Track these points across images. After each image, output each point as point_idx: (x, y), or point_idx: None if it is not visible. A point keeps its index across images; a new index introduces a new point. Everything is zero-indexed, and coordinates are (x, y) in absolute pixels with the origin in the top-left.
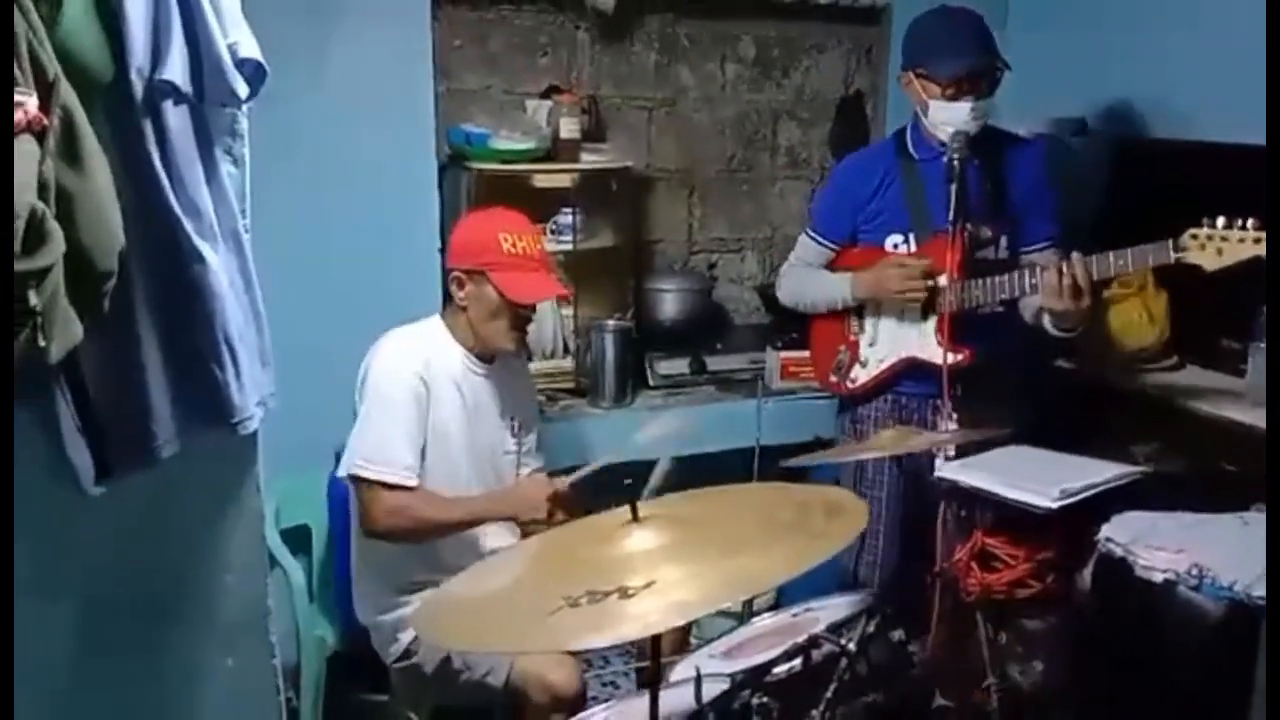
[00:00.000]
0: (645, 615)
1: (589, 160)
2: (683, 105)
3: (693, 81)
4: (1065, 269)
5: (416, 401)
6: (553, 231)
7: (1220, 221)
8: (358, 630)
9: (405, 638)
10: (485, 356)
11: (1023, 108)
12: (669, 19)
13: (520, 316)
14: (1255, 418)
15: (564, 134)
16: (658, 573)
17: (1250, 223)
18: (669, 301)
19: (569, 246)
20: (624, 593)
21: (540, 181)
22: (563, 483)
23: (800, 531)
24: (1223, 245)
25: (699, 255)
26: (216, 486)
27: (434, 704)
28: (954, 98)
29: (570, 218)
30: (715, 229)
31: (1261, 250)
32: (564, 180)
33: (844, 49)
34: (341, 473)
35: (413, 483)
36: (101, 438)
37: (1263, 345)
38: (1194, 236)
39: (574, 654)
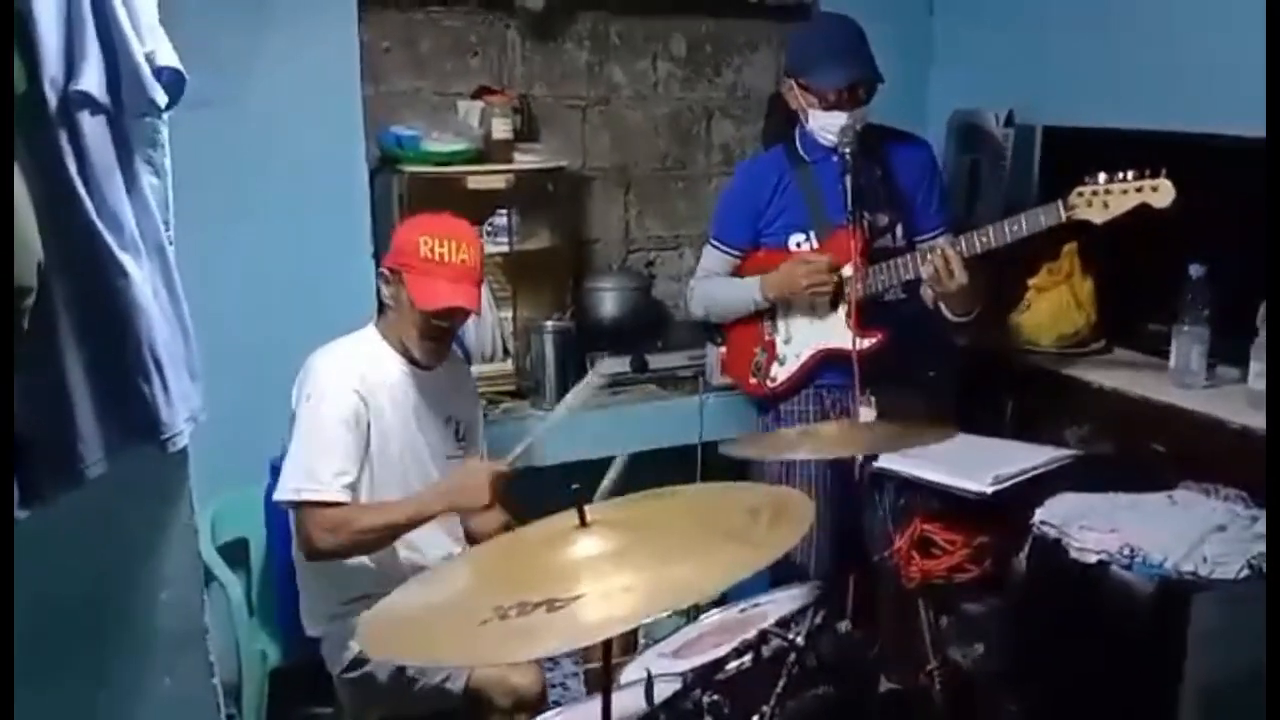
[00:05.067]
0: (567, 629)
1: (523, 161)
2: (616, 104)
3: (625, 80)
4: (938, 250)
5: (356, 419)
6: (489, 233)
7: (1102, 177)
8: (300, 644)
9: (356, 645)
10: (423, 364)
11: (949, 98)
12: (600, 17)
13: (432, 325)
14: (1180, 398)
15: (496, 135)
16: (592, 583)
17: (1130, 174)
18: (608, 301)
19: (505, 248)
20: (551, 605)
21: (474, 183)
22: (501, 464)
23: (741, 539)
24: (1108, 199)
25: (637, 253)
26: (147, 504)
27: (382, 715)
28: (830, 108)
29: (506, 219)
30: (652, 227)
31: (1144, 198)
32: (498, 182)
33: (774, 46)
34: (277, 497)
35: (346, 497)
36: (26, 460)
37: (1186, 328)
38: (1080, 194)
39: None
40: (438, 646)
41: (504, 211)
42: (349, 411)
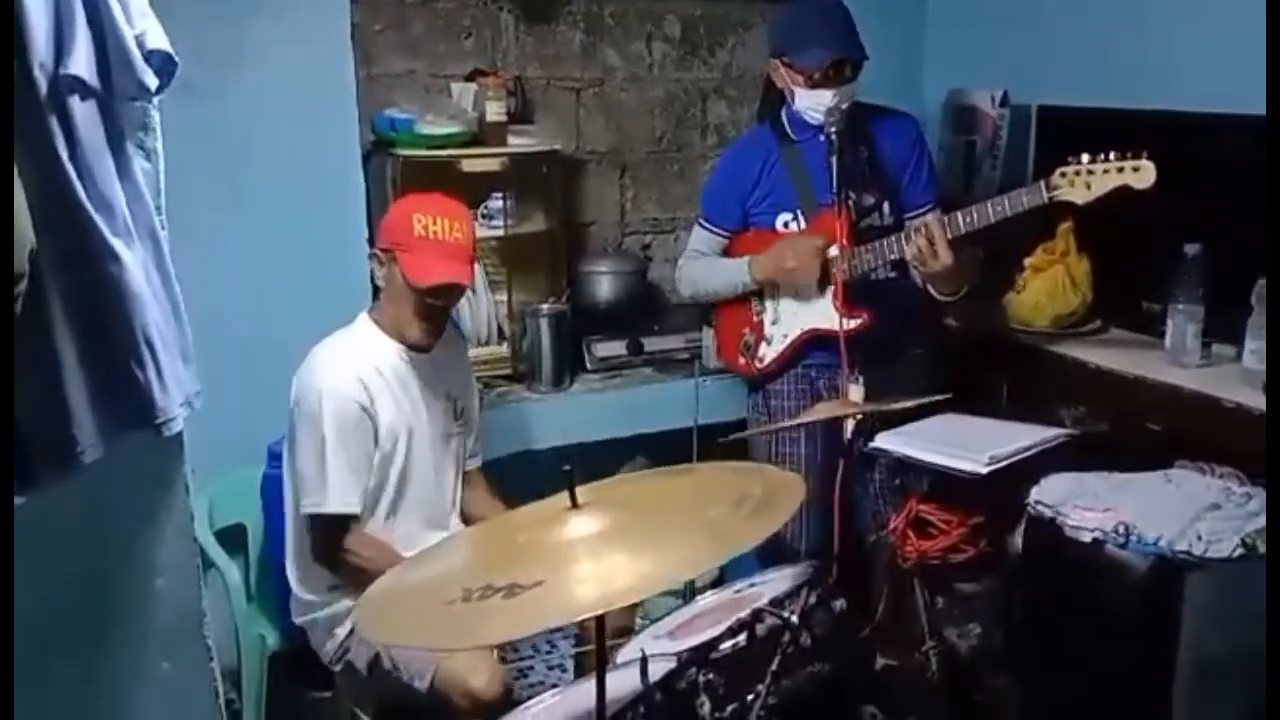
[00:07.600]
0: (517, 618)
1: (517, 143)
2: (610, 85)
3: (619, 61)
4: (921, 230)
5: (359, 427)
6: (484, 217)
7: (1085, 157)
8: (298, 627)
9: (341, 632)
10: (419, 345)
11: (944, 78)
12: None
13: (426, 305)
14: (1175, 377)
15: (490, 117)
16: (563, 569)
17: (1112, 154)
18: (604, 283)
19: (500, 231)
20: (510, 591)
21: (468, 166)
22: None
23: (719, 527)
24: (1090, 179)
25: (632, 236)
26: (143, 489)
27: (378, 698)
28: (816, 86)
29: (501, 202)
30: (648, 209)
31: (1125, 179)
32: (493, 164)
33: (768, 25)
34: (305, 509)
35: (357, 510)
36: (22, 446)
37: (1181, 307)
38: (1063, 174)
39: (500, 655)
40: (406, 627)
41: (499, 194)
42: (353, 421)
